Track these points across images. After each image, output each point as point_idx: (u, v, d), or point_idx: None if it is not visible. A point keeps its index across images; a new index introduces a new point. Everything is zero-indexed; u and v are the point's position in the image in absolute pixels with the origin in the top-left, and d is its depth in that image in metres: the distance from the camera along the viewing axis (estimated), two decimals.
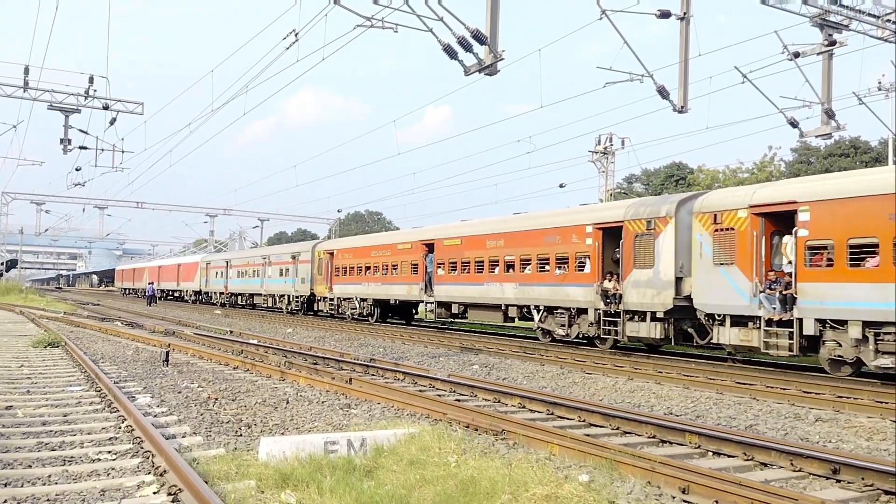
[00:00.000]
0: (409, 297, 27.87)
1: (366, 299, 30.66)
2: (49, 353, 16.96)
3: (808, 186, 14.29)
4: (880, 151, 44.48)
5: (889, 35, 15.73)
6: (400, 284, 27.96)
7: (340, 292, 32.74)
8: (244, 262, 46.56)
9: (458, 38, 12.41)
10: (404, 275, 27.56)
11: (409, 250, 27.62)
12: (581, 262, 19.19)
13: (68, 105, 23.24)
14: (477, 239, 23.66)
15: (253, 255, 46.71)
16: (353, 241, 35.12)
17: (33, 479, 6.34)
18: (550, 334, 20.56)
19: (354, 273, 31.54)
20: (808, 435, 9.18)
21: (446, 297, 24.98)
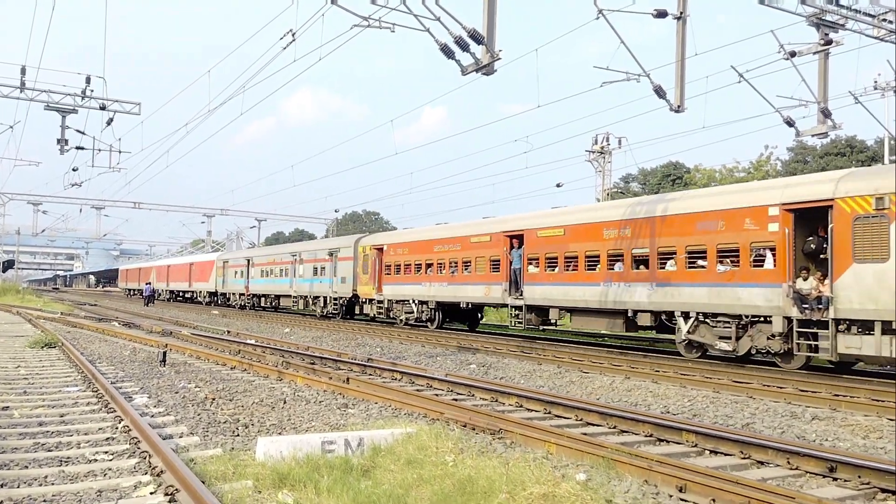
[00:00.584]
0: (486, 300, 23.70)
1: (426, 302, 26.40)
2: (46, 354, 16.93)
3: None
4: (876, 150, 44.56)
5: (885, 34, 15.75)
6: (474, 285, 23.71)
7: (392, 293, 28.55)
8: (269, 260, 42.31)
9: (455, 38, 12.39)
10: (480, 273, 23.36)
11: (486, 244, 23.29)
12: (760, 254, 15.10)
13: (65, 105, 23.17)
14: (588, 228, 19.21)
15: (280, 252, 42.25)
16: (409, 235, 29.61)
17: (30, 480, 6.33)
18: (702, 349, 16.52)
19: (411, 271, 27.30)
20: (804, 433, 9.20)
21: (542, 299, 20.69)
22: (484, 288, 23.28)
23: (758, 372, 14.38)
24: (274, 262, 41.36)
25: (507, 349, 19.30)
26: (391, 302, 28.75)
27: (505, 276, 22.26)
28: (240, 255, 49.77)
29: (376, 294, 29.44)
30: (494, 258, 22.85)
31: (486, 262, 23.18)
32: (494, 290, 22.71)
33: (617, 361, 16.41)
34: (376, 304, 29.64)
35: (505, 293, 22.16)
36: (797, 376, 13.75)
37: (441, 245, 25.99)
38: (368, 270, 30.07)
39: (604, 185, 36.18)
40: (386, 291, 29.02)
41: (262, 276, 42.84)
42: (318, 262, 35.25)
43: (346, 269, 32.13)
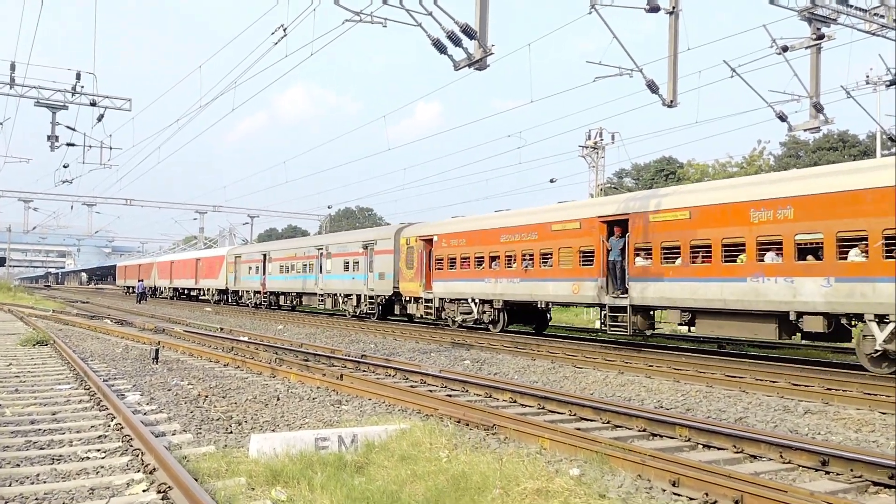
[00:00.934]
0: (574, 299, 19.99)
1: (489, 301, 22.82)
2: (38, 352, 16.86)
3: None
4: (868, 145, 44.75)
5: (877, 29, 15.80)
6: (557, 281, 19.94)
7: (444, 291, 24.75)
8: (290, 255, 38.01)
9: (447, 33, 12.37)
10: (566, 266, 19.63)
11: (574, 232, 19.48)
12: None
13: (55, 102, 23.03)
14: (728, 210, 15.45)
15: (303, 245, 37.82)
16: (466, 223, 25.15)
17: (21, 479, 6.29)
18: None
19: (469, 265, 23.55)
20: (797, 427, 9.23)
21: (656, 299, 16.90)
22: (570, 285, 19.42)
23: (751, 366, 14.42)
24: (295, 257, 37.20)
25: (500, 345, 19.31)
26: (443, 301, 25.01)
27: (600, 270, 18.38)
28: (255, 249, 45.69)
29: (423, 292, 25.76)
30: (586, 249, 18.99)
31: (574, 254, 19.27)
32: (586, 288, 18.88)
33: (610, 357, 16.43)
34: (423, 304, 25.93)
35: (600, 291, 18.30)
36: (790, 370, 13.80)
37: (511, 234, 21.97)
38: (413, 265, 26.35)
39: (597, 181, 36.21)
40: (436, 289, 25.18)
41: (281, 271, 38.85)
42: (350, 255, 31.46)
43: (385, 263, 28.47)
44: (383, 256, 28.82)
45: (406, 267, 27.04)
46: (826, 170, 15.25)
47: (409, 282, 26.80)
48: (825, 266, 13.61)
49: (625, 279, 17.72)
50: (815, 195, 13.96)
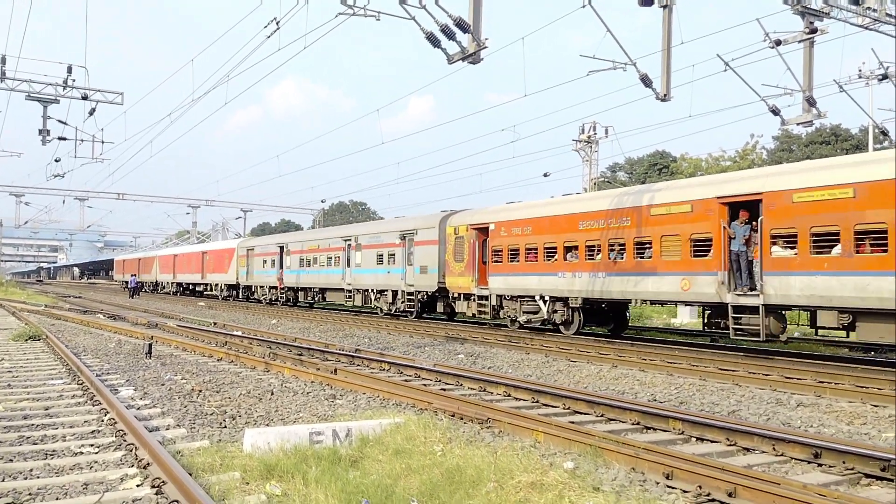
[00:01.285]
0: (686, 297, 16.59)
1: (563, 298, 19.61)
2: (30, 347, 16.80)
3: None
4: (861, 139, 44.90)
5: (869, 23, 15.82)
6: (661, 275, 16.70)
7: (503, 287, 21.60)
8: (312, 247, 34.89)
9: (440, 26, 12.33)
10: (671, 258, 16.42)
11: (684, 216, 16.22)
12: None
13: (46, 95, 22.90)
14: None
15: (327, 236, 34.43)
16: (532, 209, 21.52)
17: (15, 474, 6.27)
18: None
19: (537, 257, 20.44)
20: (789, 420, 9.28)
21: (804, 296, 13.88)
22: (678, 280, 16.20)
23: (744, 359, 14.48)
24: (318, 249, 34.04)
25: (494, 339, 19.33)
26: (501, 298, 21.86)
27: (720, 262, 15.34)
28: (270, 240, 41.95)
29: (476, 287, 22.66)
30: (700, 236, 15.82)
31: (684, 243, 16.13)
32: (700, 284, 15.70)
33: (604, 350, 16.48)
34: (476, 301, 22.82)
35: (721, 287, 15.20)
36: (783, 364, 13.87)
37: (594, 220, 18.71)
38: (464, 257, 23.19)
39: (591, 175, 36.23)
40: (493, 284, 21.98)
41: (301, 265, 35.62)
42: (385, 247, 28.37)
43: (428, 255, 25.37)
44: (425, 248, 25.63)
45: (454, 259, 23.75)
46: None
47: (458, 276, 23.57)
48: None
49: (751, 273, 14.98)
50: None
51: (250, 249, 42.11)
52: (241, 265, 42.79)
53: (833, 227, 13.49)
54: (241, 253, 42.97)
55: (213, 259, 47.98)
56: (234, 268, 43.75)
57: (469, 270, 23.09)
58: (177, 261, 56.10)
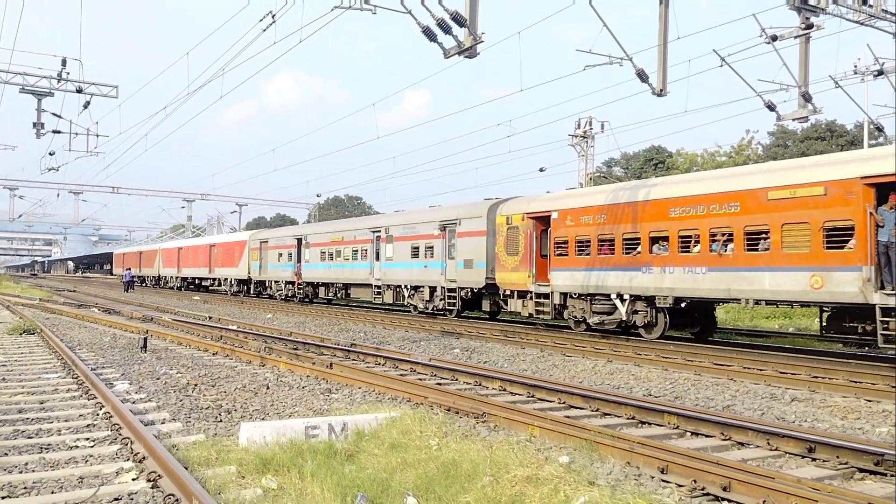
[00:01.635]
0: (817, 296, 13.77)
1: (646, 297, 17.05)
2: (25, 341, 16.75)
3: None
4: (856, 135, 44.99)
5: (865, 19, 15.83)
6: (783, 271, 14.17)
7: (570, 283, 18.85)
8: (334, 239, 32.09)
9: (437, 20, 12.29)
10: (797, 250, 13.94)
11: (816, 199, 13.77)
12: None
13: (41, 88, 22.77)
14: None
15: (353, 227, 31.57)
16: (608, 194, 18.80)
17: (10, 467, 6.26)
18: None
19: (616, 249, 17.78)
20: (784, 414, 9.32)
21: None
22: (807, 276, 13.68)
23: (738, 355, 14.53)
24: (342, 241, 31.36)
25: (490, 334, 19.35)
26: (565, 296, 19.19)
27: (866, 255, 12.82)
28: (286, 232, 39.01)
29: (534, 284, 20.10)
30: (836, 224, 13.37)
31: (815, 232, 13.60)
32: (837, 281, 13.18)
33: (600, 345, 16.51)
34: (533, 300, 20.27)
35: (867, 285, 12.65)
36: (777, 359, 13.91)
37: (689, 206, 16.18)
38: (518, 249, 20.69)
39: (586, 170, 36.23)
40: (556, 280, 19.32)
41: (322, 259, 32.92)
42: (421, 239, 25.74)
43: (473, 248, 22.89)
44: (470, 239, 23.13)
45: (506, 252, 21.23)
46: None
47: (512, 271, 21.03)
48: None
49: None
50: None
51: (264, 242, 39.14)
52: (254, 259, 39.94)
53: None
54: (254, 246, 40.06)
55: (222, 252, 45.07)
56: (246, 261, 40.95)
57: (525, 265, 20.48)
58: (182, 254, 53.28)
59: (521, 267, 20.74)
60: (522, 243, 20.74)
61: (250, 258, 40.47)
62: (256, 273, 39.82)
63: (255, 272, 40.06)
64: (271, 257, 38.21)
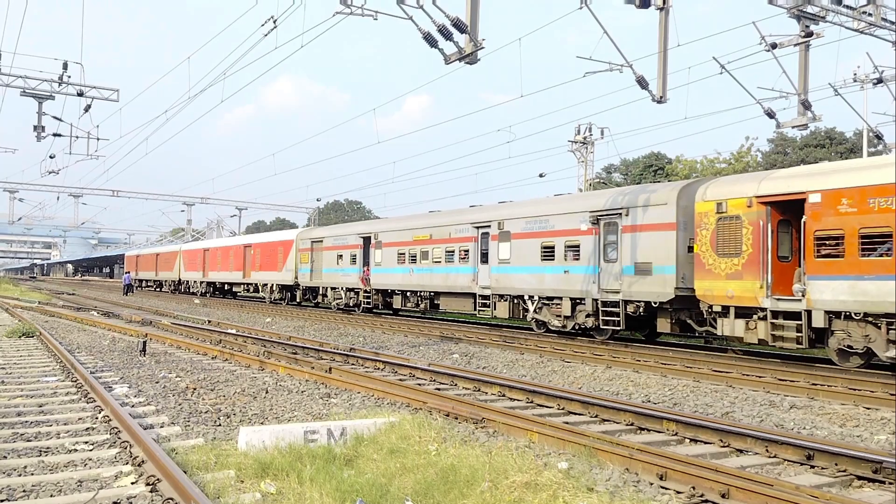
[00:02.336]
0: None
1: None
2: (24, 343, 16.74)
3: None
4: (855, 142, 45.07)
5: (864, 27, 15.90)
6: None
7: (850, 298, 13.16)
8: (420, 237, 25.66)
9: (438, 27, 12.35)
10: None
11: None
12: None
13: (42, 91, 22.83)
14: None
15: (447, 222, 24.80)
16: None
17: (8, 470, 6.26)
18: None
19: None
20: (782, 422, 9.32)
21: None
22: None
23: (737, 362, 14.53)
24: (430, 241, 25.11)
25: (489, 339, 19.34)
26: (832, 317, 13.52)
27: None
28: (349, 230, 32.16)
29: (768, 298, 14.44)
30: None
31: None
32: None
33: (599, 351, 16.51)
34: (768, 319, 14.43)
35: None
36: (776, 366, 13.92)
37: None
38: (741, 248, 15.02)
39: (586, 176, 36.29)
40: (819, 293, 13.64)
41: (400, 261, 26.79)
42: (556, 236, 19.93)
43: (651, 247, 17.09)
44: (646, 236, 17.34)
45: (714, 252, 15.54)
46: None
47: (728, 279, 15.24)
48: None
49: None
50: None
51: (317, 242, 33.28)
52: (303, 261, 34.14)
53: None
54: (304, 246, 34.20)
55: (260, 254, 38.97)
56: (293, 264, 35.08)
57: (753, 270, 14.79)
58: (209, 256, 47.12)
59: (744, 273, 14.95)
60: (748, 239, 14.99)
61: (298, 260, 34.63)
62: (306, 278, 33.92)
63: (304, 277, 34.24)
64: (327, 260, 32.26)
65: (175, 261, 54.08)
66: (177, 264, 53.51)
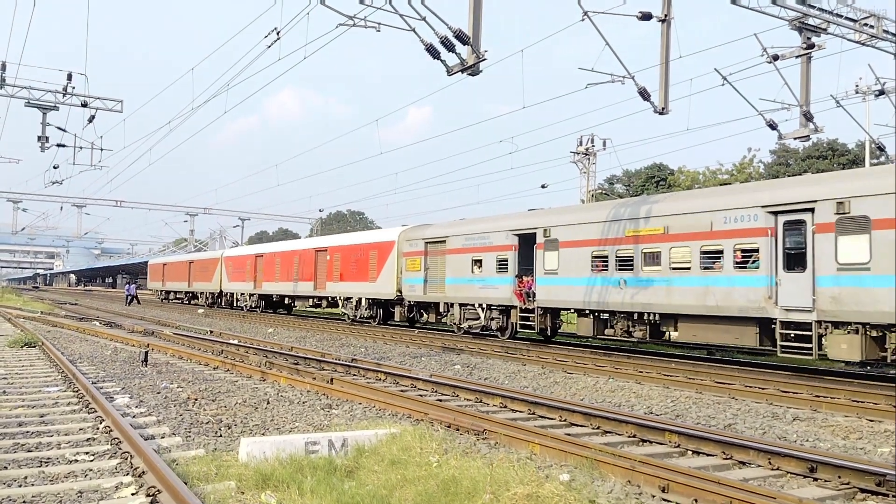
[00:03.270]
0: None
1: None
2: (26, 353, 16.75)
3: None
4: (857, 154, 45.09)
5: (866, 39, 15.94)
6: None
7: None
8: (651, 230, 17.07)
9: (440, 38, 12.41)
10: None
11: None
12: None
13: (46, 102, 22.96)
14: None
15: (695, 207, 16.30)
16: None
17: (9, 481, 6.25)
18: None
19: None
20: (785, 434, 9.28)
21: None
22: None
23: (740, 373, 14.49)
24: (664, 237, 16.74)
25: (491, 350, 19.31)
26: None
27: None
28: (489, 226, 23.20)
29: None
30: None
31: None
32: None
33: (601, 362, 16.47)
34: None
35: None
36: (779, 377, 13.88)
37: None
38: None
39: (588, 187, 36.32)
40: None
41: (595, 268, 18.44)
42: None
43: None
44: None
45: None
46: None
47: None
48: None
49: None
50: None
51: (434, 243, 25.27)
52: (411, 268, 26.18)
53: None
54: (411, 249, 26.36)
55: (342, 259, 31.04)
56: (392, 273, 27.17)
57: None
58: (262, 263, 38.94)
59: None
60: None
61: (402, 267, 26.68)
62: (417, 290, 25.78)
63: (411, 289, 26.15)
64: (452, 266, 24.08)
65: (215, 269, 45.63)
66: (217, 273, 45.28)
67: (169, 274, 56.62)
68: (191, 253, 63.57)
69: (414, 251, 26.21)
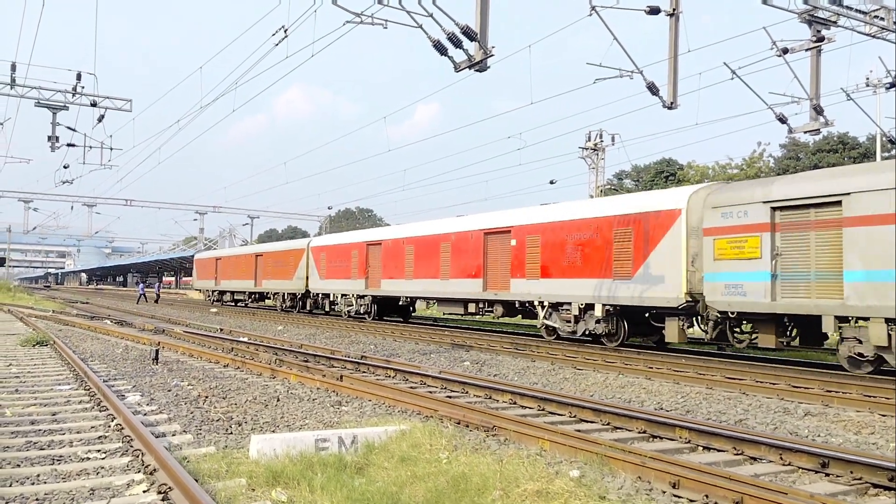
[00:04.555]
0: None
1: None
2: (38, 352, 16.86)
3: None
4: (868, 147, 44.78)
5: (877, 31, 15.81)
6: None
7: None
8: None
9: (447, 35, 12.39)
10: None
11: None
12: None
13: (56, 102, 23.08)
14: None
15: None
16: None
17: (22, 479, 6.29)
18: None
19: None
20: (797, 429, 9.23)
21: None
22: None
23: (751, 368, 14.43)
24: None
25: (500, 346, 19.30)
26: None
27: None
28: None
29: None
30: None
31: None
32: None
33: (611, 358, 16.43)
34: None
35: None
36: (790, 372, 13.81)
37: None
38: None
39: (597, 182, 36.23)
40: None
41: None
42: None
43: None
44: None
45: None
46: None
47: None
48: None
49: None
50: None
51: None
52: (685, 253, 16.19)
53: None
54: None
55: (490, 248, 22.27)
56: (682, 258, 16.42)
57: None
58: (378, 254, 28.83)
59: None
60: None
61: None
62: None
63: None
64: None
65: (298, 262, 35.87)
66: (301, 268, 35.46)
67: (225, 270, 45.35)
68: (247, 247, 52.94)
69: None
